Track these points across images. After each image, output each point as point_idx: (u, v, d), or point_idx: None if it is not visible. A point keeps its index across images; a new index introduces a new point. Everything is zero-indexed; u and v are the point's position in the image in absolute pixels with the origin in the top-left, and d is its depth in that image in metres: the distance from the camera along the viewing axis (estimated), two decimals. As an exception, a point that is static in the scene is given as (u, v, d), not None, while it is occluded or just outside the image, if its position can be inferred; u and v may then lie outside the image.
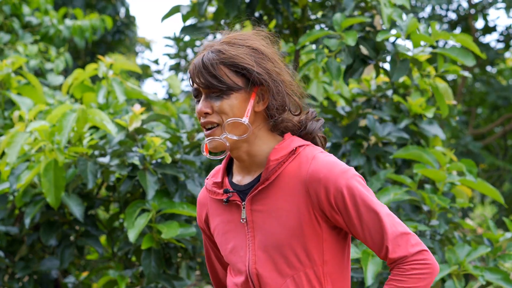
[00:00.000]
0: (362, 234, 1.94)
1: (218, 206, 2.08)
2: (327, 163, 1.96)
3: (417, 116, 4.17)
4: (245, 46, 1.98)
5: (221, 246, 2.09)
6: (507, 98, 12.10)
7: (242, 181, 2.04)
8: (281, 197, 1.97)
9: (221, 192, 2.05)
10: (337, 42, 3.74)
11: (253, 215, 2.00)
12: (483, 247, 3.49)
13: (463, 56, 3.82)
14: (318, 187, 1.94)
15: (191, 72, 1.99)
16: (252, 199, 2.00)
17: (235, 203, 2.03)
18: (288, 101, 2.02)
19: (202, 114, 1.97)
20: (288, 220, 1.96)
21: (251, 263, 1.99)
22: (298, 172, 1.96)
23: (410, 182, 3.69)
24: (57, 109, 3.85)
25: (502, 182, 12.58)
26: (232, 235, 2.04)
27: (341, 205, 1.93)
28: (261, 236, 1.98)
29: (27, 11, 7.79)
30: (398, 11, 3.84)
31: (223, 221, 2.07)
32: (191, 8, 4.33)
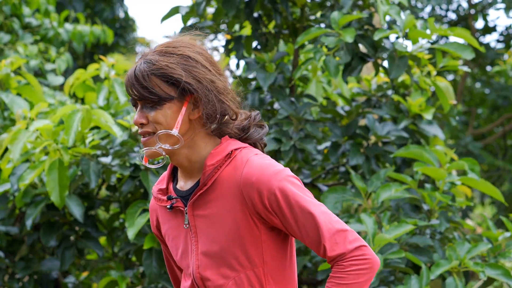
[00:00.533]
0: (300, 234, 1.95)
1: (165, 212, 2.11)
2: (259, 166, 1.96)
3: (416, 116, 4.18)
4: (176, 54, 2.00)
5: (172, 252, 2.12)
6: (507, 98, 12.10)
7: (184, 186, 2.06)
8: (220, 201, 1.99)
9: (165, 198, 2.08)
10: (335, 40, 3.75)
11: (196, 220, 2.02)
12: (483, 244, 3.49)
13: (461, 50, 3.82)
14: (251, 190, 1.95)
15: (126, 83, 2.01)
16: (193, 204, 2.02)
17: (179, 209, 2.06)
18: (223, 107, 2.03)
19: (138, 124, 2.00)
20: (227, 224, 1.98)
21: (195, 267, 2.02)
22: (234, 176, 1.98)
23: (410, 181, 3.69)
24: (61, 109, 3.86)
25: (502, 182, 12.58)
26: (180, 240, 2.07)
27: (276, 207, 1.94)
28: (204, 241, 2.01)
29: (27, 12, 7.80)
30: (395, 8, 3.84)
31: (171, 227, 2.10)
32: (190, 9, 4.33)
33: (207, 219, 2.00)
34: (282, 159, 4.02)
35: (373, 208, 3.80)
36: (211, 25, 4.33)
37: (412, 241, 3.60)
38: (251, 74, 4.22)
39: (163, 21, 4.36)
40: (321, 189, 4.26)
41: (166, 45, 2.02)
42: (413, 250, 3.61)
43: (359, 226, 3.57)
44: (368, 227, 3.45)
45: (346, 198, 3.81)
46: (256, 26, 4.21)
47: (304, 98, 4.23)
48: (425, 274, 3.39)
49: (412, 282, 3.39)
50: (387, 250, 3.43)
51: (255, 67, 4.12)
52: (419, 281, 3.38)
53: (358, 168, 4.11)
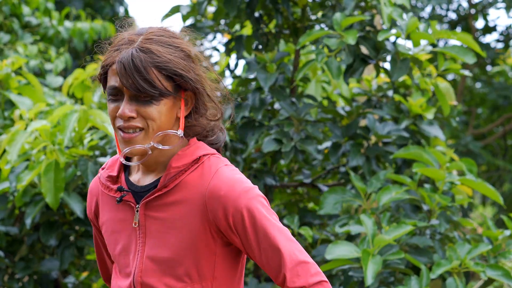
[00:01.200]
0: (259, 258, 1.86)
1: (110, 201, 1.97)
2: (229, 180, 1.86)
3: (417, 117, 4.17)
4: (174, 46, 1.87)
5: (109, 245, 1.98)
6: (507, 98, 12.10)
7: (140, 181, 1.93)
8: (178, 207, 1.87)
9: (114, 188, 1.94)
10: (337, 41, 3.74)
11: (147, 220, 1.90)
12: (484, 245, 3.48)
13: (463, 53, 3.81)
14: (216, 204, 1.84)
15: (119, 71, 1.82)
16: (147, 204, 1.90)
17: (129, 204, 1.92)
18: (212, 106, 1.94)
19: (125, 117, 1.83)
20: (183, 232, 1.86)
21: (137, 271, 1.90)
22: (199, 184, 1.87)
23: (410, 182, 3.69)
24: (58, 109, 3.85)
25: (502, 182, 12.57)
26: (122, 236, 1.94)
27: (240, 227, 1.84)
28: (152, 245, 1.89)
29: (27, 11, 7.79)
30: (398, 10, 3.83)
31: (113, 219, 1.96)
32: (191, 8, 4.33)
33: (161, 223, 1.88)
34: (283, 160, 4.01)
35: (372, 209, 3.80)
36: (211, 25, 4.32)
37: (412, 242, 3.60)
38: (252, 74, 4.21)
39: (163, 20, 4.36)
40: (321, 189, 4.25)
41: (161, 34, 1.88)
42: (413, 251, 3.60)
43: (359, 227, 3.56)
44: (368, 228, 3.44)
45: (346, 199, 3.81)
46: (257, 26, 4.21)
47: (304, 99, 4.22)
48: (425, 275, 3.39)
49: (412, 283, 3.38)
50: (387, 251, 3.43)
51: (255, 67, 4.11)
52: (419, 282, 3.38)
53: (359, 169, 4.11)
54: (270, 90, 4.09)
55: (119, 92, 1.85)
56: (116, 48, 1.86)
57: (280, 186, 4.30)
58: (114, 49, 1.87)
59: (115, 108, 1.86)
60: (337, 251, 3.38)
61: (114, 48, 1.87)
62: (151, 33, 1.87)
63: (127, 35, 1.88)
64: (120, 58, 1.83)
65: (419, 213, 3.77)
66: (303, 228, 3.82)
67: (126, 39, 1.86)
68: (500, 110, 12.83)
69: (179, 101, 1.89)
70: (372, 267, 3.28)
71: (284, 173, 4.55)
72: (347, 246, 3.40)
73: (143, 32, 1.88)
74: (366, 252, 3.31)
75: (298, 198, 4.61)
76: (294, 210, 4.51)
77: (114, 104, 1.86)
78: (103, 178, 1.98)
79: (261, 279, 4.22)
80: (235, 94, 4.26)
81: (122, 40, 1.87)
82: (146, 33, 1.87)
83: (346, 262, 3.44)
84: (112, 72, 1.85)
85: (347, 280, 3.59)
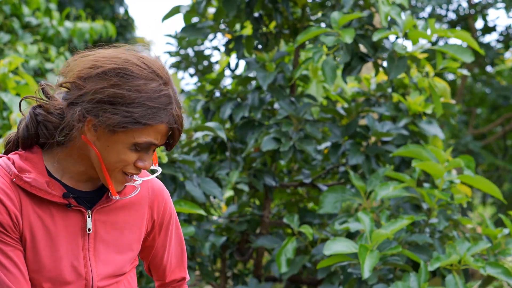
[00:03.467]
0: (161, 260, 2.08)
1: (40, 206, 1.88)
2: (160, 182, 2.05)
3: (416, 116, 4.18)
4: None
5: (38, 253, 1.88)
6: (507, 98, 12.10)
7: (79, 185, 1.91)
8: (126, 210, 1.96)
9: (57, 194, 1.87)
10: (333, 39, 3.74)
11: (97, 225, 1.92)
12: (483, 243, 3.49)
13: (461, 52, 3.82)
14: (159, 204, 2.01)
15: (171, 134, 1.84)
16: (99, 209, 1.92)
17: (78, 210, 1.90)
18: None
19: (148, 169, 1.88)
20: (130, 233, 1.96)
21: (94, 276, 1.92)
22: (142, 186, 1.97)
23: (409, 179, 3.69)
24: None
25: (502, 182, 12.58)
26: (62, 243, 1.89)
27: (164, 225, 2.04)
28: (105, 248, 1.93)
29: (27, 12, 7.79)
30: (396, 9, 3.83)
31: (47, 225, 1.88)
32: (191, 8, 4.34)
33: (108, 226, 1.93)
34: (282, 159, 4.02)
35: (372, 207, 3.81)
36: (211, 25, 4.33)
37: (411, 239, 3.60)
38: (251, 74, 4.22)
39: (164, 21, 4.37)
40: (321, 189, 4.26)
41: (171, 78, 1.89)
42: (412, 248, 3.61)
43: (357, 225, 3.57)
44: (365, 225, 3.45)
45: (345, 198, 3.82)
46: (257, 25, 4.21)
47: (304, 98, 4.23)
48: (424, 271, 3.39)
49: (411, 279, 3.39)
50: (385, 247, 3.44)
51: (255, 67, 4.12)
52: (418, 278, 3.38)
53: (358, 168, 4.11)
54: (269, 89, 4.10)
55: (152, 147, 1.85)
56: (163, 107, 1.81)
57: (280, 186, 4.31)
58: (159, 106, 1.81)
59: (136, 157, 1.84)
60: (335, 247, 3.39)
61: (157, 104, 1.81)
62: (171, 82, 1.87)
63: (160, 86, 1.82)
64: (176, 124, 1.84)
65: (419, 212, 3.78)
66: (303, 227, 3.82)
67: (168, 96, 1.83)
68: (500, 110, 12.83)
69: None
70: (369, 261, 3.29)
71: (284, 173, 4.56)
72: (345, 242, 3.41)
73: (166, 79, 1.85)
74: (363, 247, 3.32)
75: (298, 198, 4.61)
76: (294, 210, 4.52)
77: (136, 153, 1.84)
78: (36, 182, 1.86)
79: (261, 279, 4.23)
80: (235, 93, 4.27)
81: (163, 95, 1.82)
82: (170, 81, 1.86)
83: (345, 258, 3.45)
84: (156, 131, 1.82)
85: (347, 277, 3.59)
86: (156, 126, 1.81)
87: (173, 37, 9.47)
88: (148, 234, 2.03)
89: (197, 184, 3.79)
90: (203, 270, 4.14)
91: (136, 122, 1.78)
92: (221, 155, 4.30)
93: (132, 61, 1.83)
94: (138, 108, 1.79)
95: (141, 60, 1.85)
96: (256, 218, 4.28)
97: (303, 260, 3.91)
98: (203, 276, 4.19)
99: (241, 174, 4.17)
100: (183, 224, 3.65)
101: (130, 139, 1.81)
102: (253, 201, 4.45)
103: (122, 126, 1.79)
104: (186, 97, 4.46)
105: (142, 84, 1.80)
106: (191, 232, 3.61)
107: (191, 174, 3.79)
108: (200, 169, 3.98)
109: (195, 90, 4.54)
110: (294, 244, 3.78)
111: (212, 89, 4.36)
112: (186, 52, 10.13)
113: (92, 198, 1.92)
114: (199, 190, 3.74)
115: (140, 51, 1.90)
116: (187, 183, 3.75)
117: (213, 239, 3.98)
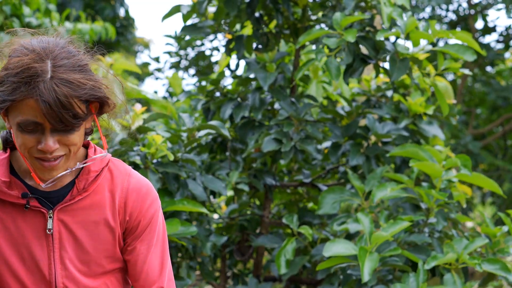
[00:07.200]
0: (141, 267, 1.97)
1: (3, 208, 1.87)
2: (147, 185, 1.95)
3: (416, 116, 4.18)
4: (85, 65, 1.80)
5: (3, 253, 1.88)
6: (507, 98, 12.11)
7: (42, 186, 1.86)
8: (92, 209, 1.90)
9: (15, 194, 1.86)
10: (336, 41, 3.75)
11: (60, 226, 1.88)
12: (480, 239, 3.48)
13: (463, 51, 3.82)
14: (134, 205, 1.93)
15: (42, 108, 1.70)
16: (61, 209, 1.88)
17: (38, 211, 1.87)
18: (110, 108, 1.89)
19: (52, 151, 1.76)
20: (102, 233, 1.91)
21: (58, 277, 1.89)
22: (111, 186, 1.92)
23: (407, 180, 3.70)
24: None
25: (502, 182, 12.59)
26: (22, 246, 1.87)
27: (142, 230, 1.95)
28: (71, 249, 1.90)
29: (27, 12, 7.80)
30: (398, 10, 3.84)
31: (8, 226, 1.87)
32: (191, 8, 4.34)
33: (74, 226, 1.89)
34: (283, 159, 4.02)
35: (370, 207, 3.81)
36: (212, 25, 4.33)
37: (410, 240, 3.61)
38: (252, 74, 4.22)
39: (164, 20, 4.37)
40: (321, 189, 4.26)
41: (62, 54, 1.78)
42: (411, 248, 3.61)
43: (357, 225, 3.57)
44: (365, 226, 3.46)
45: (344, 198, 3.82)
46: (257, 26, 4.22)
47: (304, 99, 4.24)
48: (422, 271, 3.39)
49: (410, 280, 3.39)
50: (385, 249, 3.44)
51: (255, 67, 4.12)
52: (417, 279, 3.39)
53: (358, 168, 4.12)
54: (270, 90, 4.10)
55: (38, 125, 1.75)
56: (23, 80, 1.72)
57: (280, 186, 4.31)
58: (20, 80, 1.72)
59: (33, 139, 1.76)
60: (335, 248, 3.39)
61: (17, 78, 1.73)
62: (57, 56, 1.76)
63: (28, 60, 1.74)
64: (42, 96, 1.70)
65: (418, 212, 3.78)
66: (302, 227, 3.83)
67: (33, 69, 1.72)
68: (500, 111, 12.84)
69: (90, 116, 1.85)
70: (369, 263, 3.29)
71: (284, 173, 4.56)
72: (345, 243, 3.41)
73: (46, 54, 1.76)
74: (363, 249, 3.32)
75: (298, 198, 4.62)
76: (293, 210, 4.52)
77: (31, 135, 1.76)
78: None
79: (261, 279, 4.23)
80: (235, 93, 4.27)
81: (25, 68, 1.73)
82: (52, 57, 1.76)
83: (344, 260, 3.45)
84: (27, 107, 1.73)
85: (346, 279, 3.60)
86: (23, 101, 1.73)
87: (173, 37, 9.48)
88: (126, 236, 1.96)
89: (201, 182, 3.80)
90: (203, 270, 4.15)
91: (2, 101, 1.74)
92: (221, 155, 4.31)
93: (25, 43, 1.83)
94: (4, 86, 1.74)
95: (35, 40, 1.82)
96: (256, 218, 4.29)
97: (302, 261, 3.92)
98: (203, 275, 4.20)
99: (241, 174, 4.18)
100: (184, 223, 3.65)
101: (14, 120, 1.76)
102: (253, 201, 4.45)
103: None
104: (186, 97, 4.46)
105: (13, 62, 1.76)
106: (193, 231, 3.61)
107: (194, 173, 3.80)
108: (200, 169, 3.98)
109: (195, 90, 4.54)
110: (293, 244, 3.79)
111: (212, 89, 4.36)
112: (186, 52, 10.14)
113: (58, 197, 1.89)
114: (200, 188, 3.75)
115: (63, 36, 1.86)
116: (189, 181, 3.75)
117: (214, 239, 3.98)
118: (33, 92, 1.71)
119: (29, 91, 1.71)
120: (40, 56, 1.75)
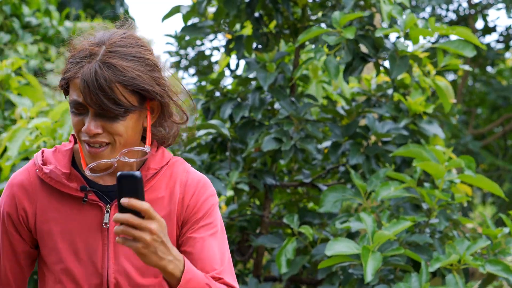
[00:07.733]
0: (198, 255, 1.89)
1: (58, 200, 1.88)
2: (204, 180, 1.95)
3: (416, 116, 4.18)
4: (142, 59, 1.81)
5: (56, 245, 1.88)
6: (507, 98, 12.11)
7: (104, 179, 1.89)
8: (153, 204, 1.88)
9: (74, 187, 1.87)
10: (336, 38, 3.74)
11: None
12: (482, 241, 3.48)
13: (462, 47, 3.81)
14: (191, 198, 1.90)
15: (82, 89, 1.75)
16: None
17: (96, 204, 1.87)
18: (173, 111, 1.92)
19: (92, 134, 1.78)
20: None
21: (111, 271, 1.86)
22: (170, 182, 1.91)
23: (409, 180, 3.69)
24: (58, 106, 3.89)
25: (502, 182, 12.59)
26: (81, 238, 1.87)
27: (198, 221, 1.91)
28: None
29: (27, 12, 7.80)
30: (397, 8, 3.84)
31: (65, 220, 1.87)
32: (191, 8, 4.34)
33: None
34: (283, 159, 4.02)
35: (372, 207, 3.81)
36: (212, 25, 4.33)
37: (411, 240, 3.61)
38: (251, 74, 4.22)
39: (163, 20, 4.37)
40: (321, 189, 4.26)
41: (122, 43, 1.81)
42: (413, 249, 3.61)
43: (359, 224, 3.57)
44: (368, 225, 3.45)
45: (345, 197, 3.81)
46: (257, 25, 4.22)
47: (304, 98, 4.23)
48: (425, 271, 3.39)
49: (413, 280, 3.39)
50: (387, 248, 3.44)
51: (255, 67, 4.12)
52: (419, 279, 3.38)
53: (358, 168, 4.11)
54: (269, 89, 4.10)
55: (83, 107, 1.78)
56: (77, 60, 1.80)
57: (280, 185, 4.31)
58: (75, 61, 1.80)
59: (80, 121, 1.80)
60: (337, 247, 3.38)
61: (75, 59, 1.81)
62: (114, 44, 1.80)
63: (88, 44, 1.81)
64: (82, 75, 1.76)
65: (419, 212, 3.78)
66: (303, 227, 3.82)
67: (88, 51, 1.79)
68: (500, 110, 12.84)
69: (145, 112, 1.85)
70: (372, 263, 3.29)
71: (284, 173, 4.56)
72: (347, 242, 3.40)
73: (104, 41, 1.81)
74: (366, 249, 3.32)
75: (298, 197, 4.61)
76: (293, 210, 4.52)
77: (79, 117, 1.80)
78: (55, 174, 1.87)
79: (261, 279, 4.23)
80: (235, 93, 4.27)
81: (82, 51, 1.80)
82: (109, 43, 1.80)
83: (346, 259, 3.44)
84: (74, 87, 1.79)
85: (347, 278, 3.60)
86: (72, 81, 1.79)
87: (173, 37, 9.48)
88: (183, 229, 1.92)
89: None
90: (203, 270, 4.14)
91: (61, 79, 1.83)
92: (221, 155, 4.30)
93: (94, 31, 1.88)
94: (65, 66, 1.84)
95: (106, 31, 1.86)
96: (256, 218, 4.29)
97: (303, 260, 3.91)
98: (203, 276, 4.19)
99: (241, 174, 4.17)
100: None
101: (69, 100, 1.82)
102: (253, 201, 4.45)
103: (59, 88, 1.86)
104: (186, 99, 4.46)
105: (77, 46, 1.84)
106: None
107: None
108: (200, 168, 3.98)
109: (195, 90, 4.54)
110: (294, 244, 3.78)
111: (212, 89, 4.36)
112: (186, 51, 10.14)
113: (116, 192, 1.85)
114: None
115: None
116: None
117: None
118: (79, 71, 1.77)
119: (77, 70, 1.78)
120: (99, 42, 1.81)
